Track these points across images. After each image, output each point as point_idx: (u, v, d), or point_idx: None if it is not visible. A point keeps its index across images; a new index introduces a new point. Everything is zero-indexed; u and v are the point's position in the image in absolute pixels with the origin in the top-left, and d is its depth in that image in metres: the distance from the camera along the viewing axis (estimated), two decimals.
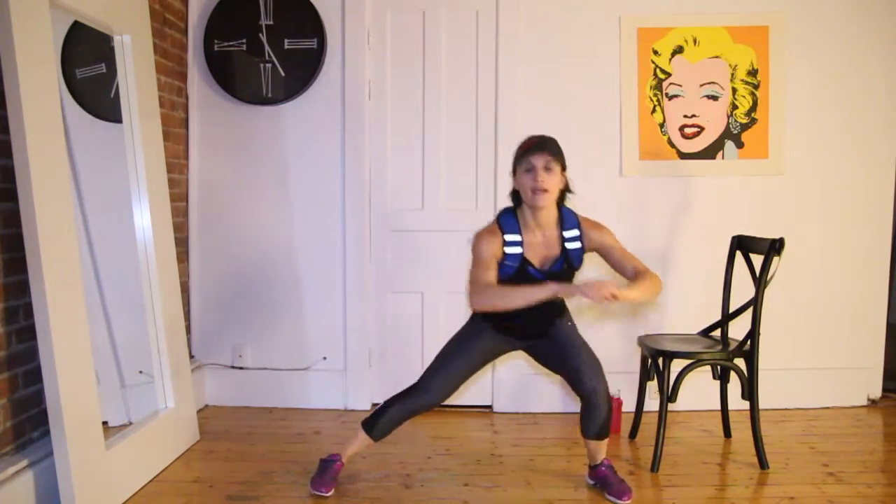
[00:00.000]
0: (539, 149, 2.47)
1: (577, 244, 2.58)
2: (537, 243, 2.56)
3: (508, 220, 2.57)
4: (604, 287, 2.32)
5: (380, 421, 2.70)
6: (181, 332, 3.18)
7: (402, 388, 3.70)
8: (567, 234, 2.57)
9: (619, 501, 2.62)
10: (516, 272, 2.53)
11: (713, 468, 2.98)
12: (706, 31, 3.60)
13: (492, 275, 2.50)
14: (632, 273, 2.56)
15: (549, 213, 2.55)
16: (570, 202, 3.65)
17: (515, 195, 2.57)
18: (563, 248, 2.57)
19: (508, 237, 2.53)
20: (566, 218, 2.59)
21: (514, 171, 2.54)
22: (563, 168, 2.53)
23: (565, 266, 2.58)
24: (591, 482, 2.79)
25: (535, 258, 2.56)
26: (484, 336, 2.68)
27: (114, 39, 2.93)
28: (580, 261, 2.60)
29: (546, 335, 2.67)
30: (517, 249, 2.53)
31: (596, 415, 2.62)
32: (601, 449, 2.74)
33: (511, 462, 3.04)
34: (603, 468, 2.73)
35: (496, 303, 2.46)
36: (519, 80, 3.62)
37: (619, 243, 2.63)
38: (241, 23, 3.59)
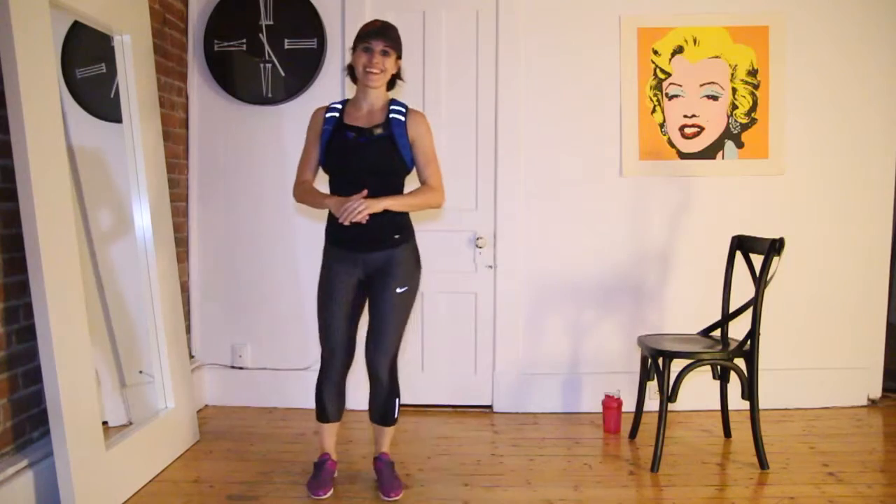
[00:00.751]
0: (379, 33, 2.55)
1: (402, 118, 2.62)
2: (360, 115, 2.62)
3: (340, 101, 2.70)
4: (352, 206, 2.42)
5: (321, 405, 2.73)
6: (181, 332, 3.18)
7: (401, 386, 3.72)
8: (394, 108, 2.63)
9: (387, 498, 2.64)
10: (332, 135, 2.60)
11: (713, 468, 2.98)
12: (706, 31, 3.60)
13: (310, 167, 2.67)
14: (422, 181, 2.66)
15: (379, 94, 2.62)
16: (570, 200, 3.66)
17: (351, 70, 2.63)
18: (387, 118, 2.61)
19: (332, 106, 2.67)
20: (396, 102, 2.66)
21: (354, 49, 2.59)
22: (399, 57, 2.62)
23: (386, 133, 2.58)
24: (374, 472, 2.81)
25: (356, 123, 2.61)
26: (332, 265, 2.68)
27: (114, 39, 2.93)
28: (405, 138, 2.59)
29: (380, 253, 2.62)
30: (335, 114, 2.64)
31: (377, 397, 2.68)
32: (384, 438, 2.76)
33: (511, 462, 3.04)
34: (380, 462, 2.76)
35: (301, 196, 2.66)
36: (519, 80, 3.62)
37: (433, 148, 2.67)
38: (241, 23, 3.59)
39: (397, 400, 2.72)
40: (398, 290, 2.64)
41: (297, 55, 3.60)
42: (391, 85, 2.67)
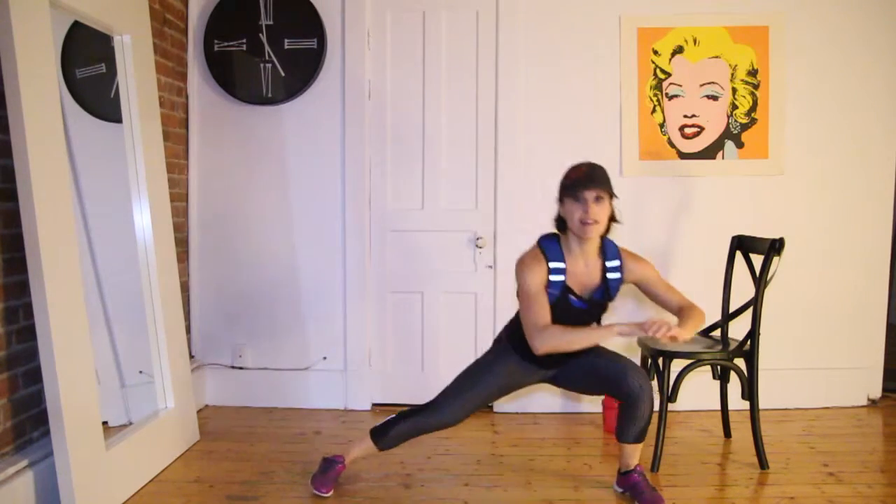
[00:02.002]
0: (590, 180, 2.43)
1: (618, 274, 2.56)
2: (579, 272, 2.54)
3: (552, 246, 2.54)
4: (664, 326, 2.32)
5: (389, 432, 2.68)
6: (181, 332, 3.18)
7: (401, 386, 3.71)
8: (609, 263, 2.56)
9: None
10: (557, 300, 2.51)
11: (713, 468, 2.98)
12: (706, 31, 3.60)
13: (547, 312, 2.46)
14: (676, 307, 2.57)
15: (593, 243, 2.53)
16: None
17: (560, 222, 2.55)
18: (604, 278, 2.55)
19: (553, 265, 2.50)
20: (608, 248, 2.57)
21: (561, 199, 2.51)
22: (612, 198, 2.50)
23: (605, 296, 2.58)
24: (620, 489, 2.71)
25: (576, 286, 2.55)
26: (509, 365, 2.64)
27: (114, 39, 2.93)
28: (617, 291, 2.59)
29: (572, 360, 2.63)
30: (560, 277, 2.50)
31: (639, 415, 2.54)
32: (636, 454, 2.66)
33: (511, 462, 3.04)
34: (635, 475, 2.65)
35: (561, 345, 2.44)
36: (519, 80, 3.62)
37: (660, 276, 2.64)
38: (241, 23, 3.59)
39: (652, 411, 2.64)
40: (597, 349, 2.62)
41: (297, 55, 3.60)
42: (607, 229, 2.53)
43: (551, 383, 2.74)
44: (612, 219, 2.53)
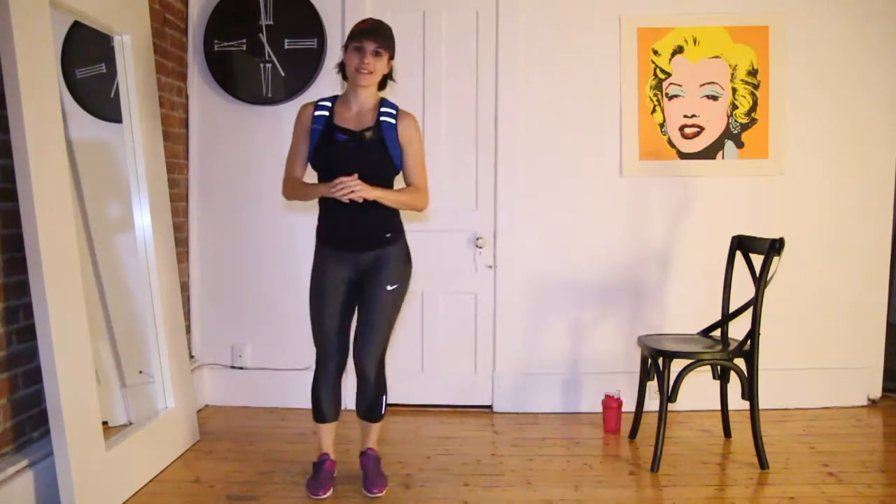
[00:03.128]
0: (371, 33, 2.52)
1: (392, 120, 2.60)
2: (350, 115, 2.61)
3: (327, 97, 2.68)
4: (348, 186, 2.43)
5: (318, 405, 2.73)
6: (181, 332, 3.18)
7: (401, 386, 3.71)
8: (384, 109, 2.61)
9: (369, 494, 2.66)
10: (322, 135, 2.59)
11: (713, 468, 2.98)
12: (706, 31, 3.60)
13: (299, 165, 2.66)
14: (408, 183, 2.67)
15: (369, 94, 2.60)
16: (570, 200, 3.66)
17: (342, 67, 2.62)
18: (378, 120, 2.60)
19: (320, 104, 2.64)
20: (386, 103, 2.64)
21: (346, 48, 2.58)
22: (391, 57, 2.59)
23: (376, 136, 2.57)
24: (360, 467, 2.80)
25: (345, 123, 2.60)
26: (324, 266, 2.67)
27: (114, 39, 2.93)
28: (395, 140, 2.59)
29: (372, 252, 2.63)
30: (324, 112, 2.62)
31: (365, 392, 2.68)
32: (370, 433, 2.77)
33: (511, 462, 3.04)
34: (367, 457, 2.76)
35: (295, 192, 2.65)
36: (519, 80, 3.62)
37: (422, 151, 2.68)
38: (241, 23, 3.59)
39: (384, 396, 2.72)
40: (388, 288, 2.64)
41: (297, 55, 3.60)
42: (382, 85, 2.65)
43: (360, 289, 2.69)
44: (389, 76, 2.63)
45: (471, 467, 2.98)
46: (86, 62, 3.01)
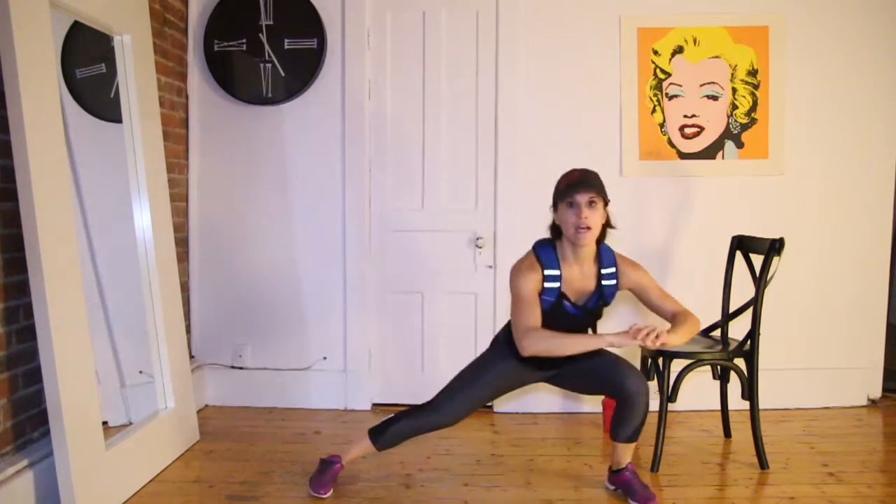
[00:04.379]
0: (583, 185, 2.41)
1: (613, 281, 2.56)
2: (574, 278, 2.53)
3: (547, 253, 2.53)
4: (652, 333, 2.32)
5: (387, 432, 2.68)
6: (181, 332, 3.18)
7: (401, 386, 3.71)
8: (605, 270, 2.55)
9: None
10: (552, 306, 2.51)
11: (713, 468, 2.98)
12: (706, 31, 3.60)
13: (537, 315, 2.46)
14: (670, 314, 2.56)
15: (589, 249, 2.52)
16: None
17: (555, 229, 2.53)
18: (599, 284, 2.55)
19: (548, 272, 2.50)
20: (604, 254, 2.56)
21: (555, 205, 2.49)
22: (606, 203, 2.49)
23: (600, 302, 2.58)
24: (612, 487, 2.73)
25: (571, 293, 2.54)
26: (507, 365, 2.64)
27: (114, 39, 2.93)
28: (613, 297, 2.59)
29: (570, 361, 2.63)
30: (555, 284, 2.50)
31: (634, 416, 2.54)
32: (629, 453, 2.67)
33: (511, 462, 3.04)
34: (627, 473, 2.66)
35: (549, 349, 2.43)
36: (519, 80, 3.62)
37: (656, 283, 2.62)
38: (241, 23, 3.59)
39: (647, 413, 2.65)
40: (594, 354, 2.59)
41: (297, 55, 3.60)
42: (602, 234, 2.52)
43: (549, 383, 2.74)
44: (607, 224, 2.53)
45: (471, 467, 2.98)
46: (86, 62, 3.01)
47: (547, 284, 2.50)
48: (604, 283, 2.55)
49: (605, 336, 2.42)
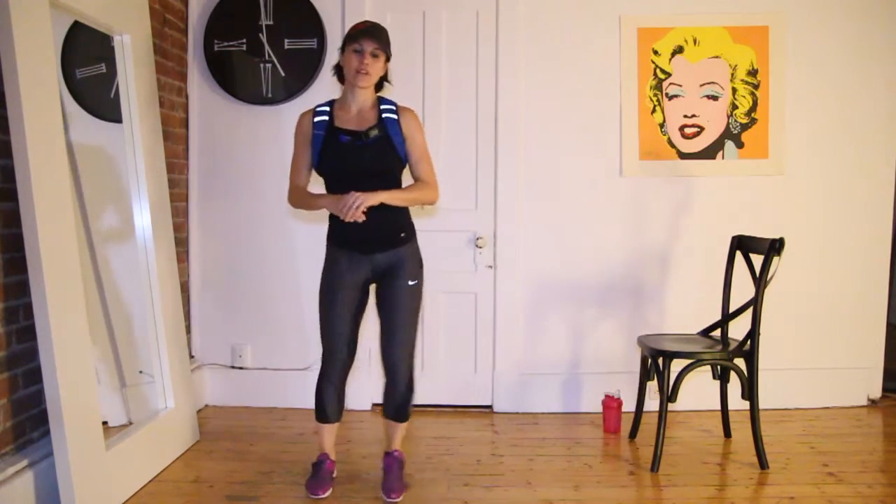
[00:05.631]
0: (369, 34, 2.53)
1: (394, 116, 2.61)
2: (350, 116, 2.61)
3: (324, 103, 2.68)
4: (348, 202, 2.44)
5: (321, 405, 2.73)
6: (181, 332, 3.18)
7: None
8: (384, 107, 2.62)
9: (387, 499, 2.62)
10: (325, 140, 2.58)
11: (713, 468, 2.98)
12: (706, 31, 3.60)
13: (302, 173, 2.66)
14: (414, 178, 2.66)
15: (368, 95, 2.61)
16: (570, 200, 3.67)
17: (338, 70, 2.63)
18: (380, 118, 2.60)
19: (319, 110, 2.64)
20: (385, 101, 2.65)
21: (343, 49, 2.58)
22: (388, 59, 2.60)
23: (381, 133, 2.58)
24: (382, 467, 2.78)
25: (347, 125, 2.60)
26: (336, 266, 2.68)
27: (114, 39, 2.93)
28: (399, 136, 2.60)
29: (387, 253, 2.64)
30: (324, 118, 2.62)
31: (394, 392, 2.68)
32: (397, 434, 2.76)
33: (511, 462, 3.04)
34: (390, 457, 2.75)
35: (296, 200, 2.67)
36: (519, 80, 3.62)
37: (425, 144, 2.67)
38: (241, 23, 3.59)
39: (413, 395, 2.73)
40: (409, 283, 2.66)
41: (297, 55, 3.60)
42: (378, 88, 2.66)
43: (377, 287, 2.72)
44: (385, 77, 2.64)
45: (471, 467, 2.98)
46: (86, 62, 3.01)
47: (316, 119, 2.62)
48: (384, 115, 2.60)
49: (323, 196, 2.59)
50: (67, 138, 2.59)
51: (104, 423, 2.61)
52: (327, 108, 2.64)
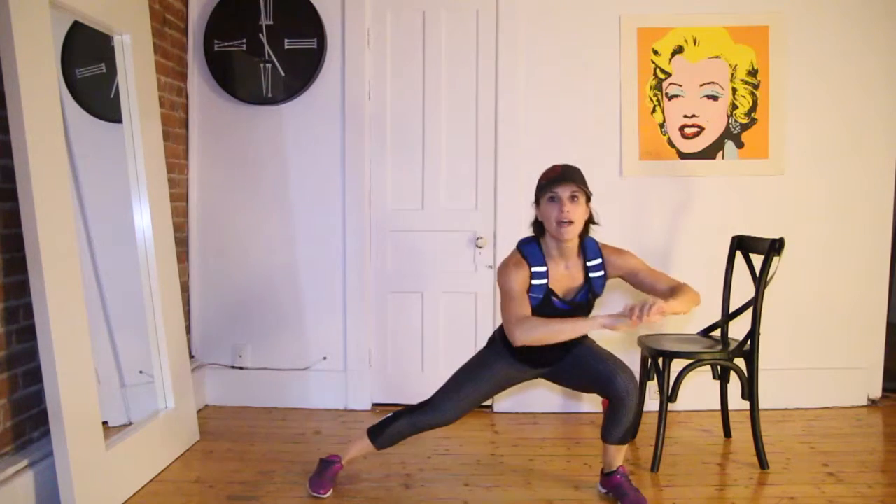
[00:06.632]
0: (564, 179, 2.41)
1: (601, 272, 2.54)
2: (561, 274, 2.52)
3: (532, 250, 2.52)
4: (647, 307, 2.25)
5: (386, 431, 2.69)
6: (181, 331, 3.18)
7: (401, 386, 3.70)
8: (590, 263, 2.54)
9: None
10: (540, 303, 2.50)
11: (713, 468, 2.98)
12: (706, 31, 3.60)
13: (527, 307, 2.45)
14: (667, 290, 2.48)
15: (573, 244, 2.50)
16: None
17: (538, 225, 2.54)
18: (587, 278, 2.54)
19: (535, 269, 2.49)
20: (588, 247, 2.54)
21: (538, 201, 2.49)
22: (588, 198, 2.47)
23: (589, 296, 2.57)
24: (604, 490, 2.70)
25: (559, 288, 2.53)
26: (503, 363, 2.64)
27: (114, 39, 2.93)
28: (602, 288, 2.58)
29: (565, 358, 2.63)
30: (543, 281, 2.49)
31: (625, 417, 2.51)
32: (620, 455, 2.65)
33: (511, 462, 3.04)
34: (618, 476, 2.64)
35: (541, 335, 2.39)
36: (519, 79, 3.62)
37: (645, 263, 2.59)
38: (241, 23, 3.59)
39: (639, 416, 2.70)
40: (583, 344, 2.62)
41: (297, 55, 3.60)
42: (585, 229, 2.51)
43: (545, 378, 2.74)
44: (590, 220, 2.51)
45: (471, 467, 2.98)
46: (86, 62, 3.01)
47: (534, 282, 2.48)
48: (591, 275, 2.53)
49: (597, 318, 2.37)
50: (67, 138, 2.58)
51: (104, 423, 2.61)
52: (544, 269, 2.49)
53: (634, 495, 2.58)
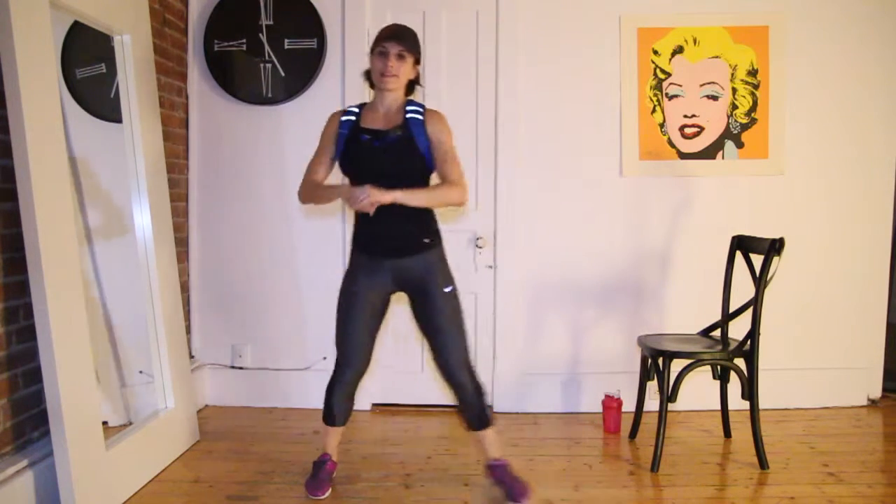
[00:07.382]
0: (395, 37, 2.52)
1: (420, 117, 2.58)
2: (377, 116, 2.60)
3: (357, 104, 2.69)
4: (363, 194, 2.39)
5: (330, 408, 2.74)
6: (181, 332, 3.18)
7: (401, 386, 3.71)
8: (410, 108, 2.59)
9: None
10: (348, 139, 2.58)
11: (713, 468, 2.98)
12: (706, 31, 3.60)
13: (321, 168, 2.64)
14: (441, 179, 2.59)
15: (395, 98, 2.59)
16: (570, 200, 3.66)
17: (367, 75, 2.63)
18: (405, 119, 2.57)
19: (348, 109, 2.66)
20: (413, 103, 2.62)
21: (371, 52, 2.57)
22: (417, 61, 2.58)
23: (404, 134, 2.54)
24: (491, 481, 2.71)
25: (371, 124, 2.59)
26: (360, 277, 2.63)
27: (114, 39, 2.93)
28: (424, 138, 2.55)
29: (411, 259, 2.59)
30: (351, 118, 2.62)
31: (466, 403, 2.65)
32: (489, 443, 2.70)
33: (511, 462, 3.03)
34: (497, 469, 2.67)
35: (308, 192, 2.62)
36: (519, 79, 3.62)
37: (452, 145, 2.59)
38: (241, 23, 3.59)
39: (485, 397, 2.69)
40: (446, 290, 2.61)
41: (297, 55, 3.60)
42: (409, 90, 2.63)
43: (407, 294, 2.67)
44: (416, 81, 2.63)
45: (471, 467, 2.98)
46: (86, 62, 3.01)
47: (344, 118, 2.62)
48: (409, 116, 2.57)
49: (341, 187, 2.56)
50: (67, 138, 2.58)
51: (104, 423, 2.61)
52: (356, 110, 2.64)
53: (516, 486, 2.60)
